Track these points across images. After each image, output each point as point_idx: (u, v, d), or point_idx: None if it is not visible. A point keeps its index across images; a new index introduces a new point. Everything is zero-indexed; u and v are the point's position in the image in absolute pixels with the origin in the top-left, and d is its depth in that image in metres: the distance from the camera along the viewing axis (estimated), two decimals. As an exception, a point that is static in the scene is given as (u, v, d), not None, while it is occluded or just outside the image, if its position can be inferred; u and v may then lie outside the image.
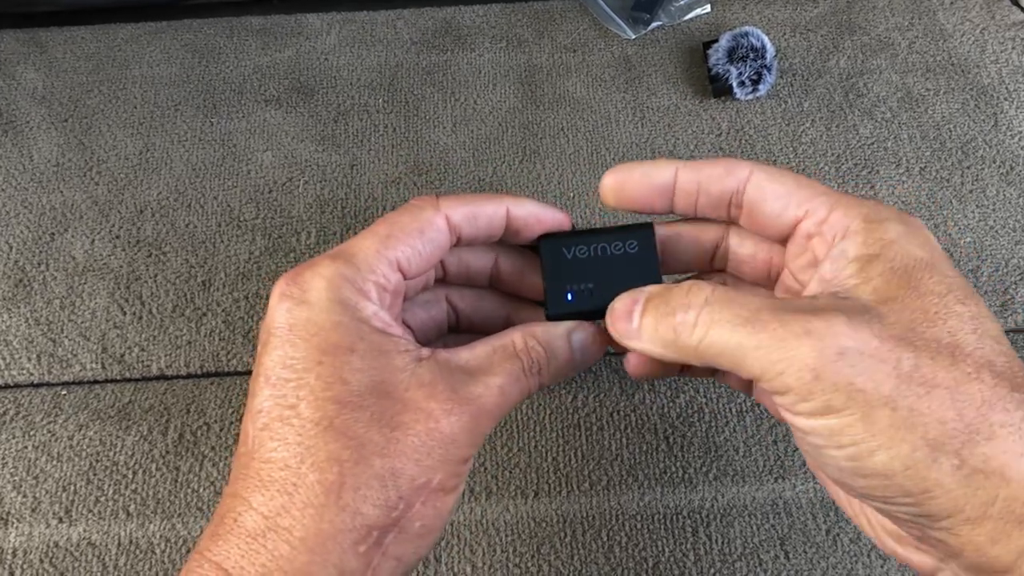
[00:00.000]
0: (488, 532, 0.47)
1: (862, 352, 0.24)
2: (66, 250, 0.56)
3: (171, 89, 0.63)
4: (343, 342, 0.27)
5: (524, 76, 0.63)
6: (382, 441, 0.26)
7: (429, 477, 0.27)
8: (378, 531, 0.26)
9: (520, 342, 0.30)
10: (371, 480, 0.26)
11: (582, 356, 0.32)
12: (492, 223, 0.32)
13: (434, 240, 0.30)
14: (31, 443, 0.50)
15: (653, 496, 0.48)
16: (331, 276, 0.28)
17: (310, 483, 0.26)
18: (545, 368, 0.30)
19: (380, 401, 0.27)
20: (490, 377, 0.29)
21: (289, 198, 0.58)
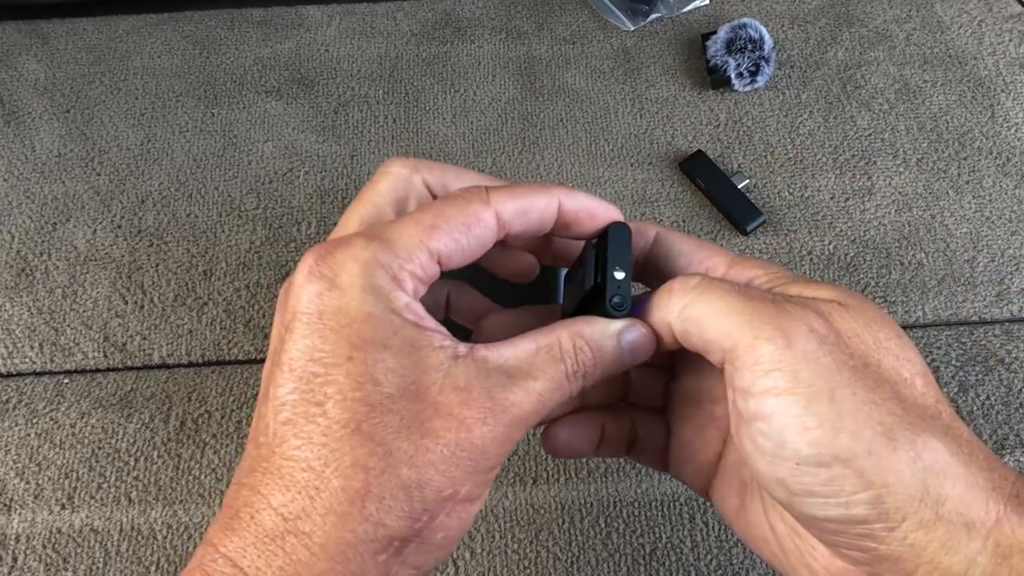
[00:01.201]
0: (487, 519, 0.48)
1: (825, 337, 0.25)
2: (68, 240, 0.56)
3: (172, 80, 0.63)
4: (376, 337, 0.25)
5: (523, 67, 0.63)
6: (411, 450, 0.25)
7: (456, 489, 0.26)
8: (399, 541, 0.25)
9: (567, 342, 0.28)
10: (396, 491, 0.25)
11: (632, 357, 0.29)
12: (543, 217, 0.29)
13: (480, 236, 0.28)
14: (34, 431, 0.51)
15: (650, 483, 0.49)
16: (367, 260, 0.26)
17: (333, 488, 0.25)
18: (591, 372, 0.28)
19: (411, 405, 0.25)
20: (531, 381, 0.26)
21: (290, 188, 0.58)
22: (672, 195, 0.57)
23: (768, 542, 0.29)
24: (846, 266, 0.55)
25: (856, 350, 0.25)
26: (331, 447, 0.25)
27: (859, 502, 0.24)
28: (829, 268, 0.54)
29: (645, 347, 0.28)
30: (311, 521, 0.24)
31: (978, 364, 0.52)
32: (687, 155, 0.58)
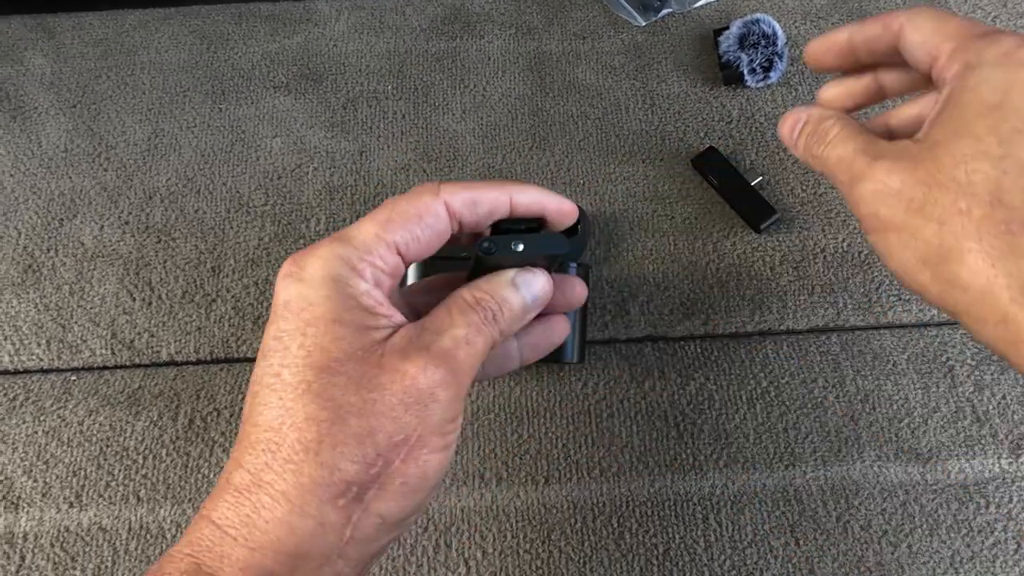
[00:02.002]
0: (499, 518, 0.47)
1: (888, 186, 0.31)
2: (75, 236, 0.56)
3: (180, 75, 0.63)
4: (328, 314, 0.28)
5: (533, 63, 0.62)
6: (359, 402, 0.27)
7: (408, 434, 0.28)
8: (357, 487, 0.27)
9: (469, 296, 0.31)
10: (348, 439, 0.27)
11: (532, 295, 0.33)
12: (494, 210, 0.33)
13: (432, 226, 0.31)
14: (41, 428, 0.50)
15: (663, 483, 0.48)
16: (327, 256, 0.29)
17: (291, 442, 0.27)
18: (500, 315, 0.31)
19: (358, 366, 0.28)
20: (453, 329, 0.30)
21: (298, 184, 0.58)
22: (684, 192, 0.57)
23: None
24: (860, 263, 0.54)
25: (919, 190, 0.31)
26: (287, 407, 0.28)
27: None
28: (843, 265, 0.54)
29: (538, 284, 0.33)
30: (272, 471, 0.27)
31: (994, 363, 0.51)
32: (699, 151, 0.57)
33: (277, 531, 0.27)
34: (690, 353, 0.52)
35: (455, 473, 0.49)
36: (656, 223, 0.56)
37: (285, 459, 0.27)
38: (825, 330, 0.53)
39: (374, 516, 0.28)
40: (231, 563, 0.27)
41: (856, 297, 0.53)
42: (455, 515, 0.48)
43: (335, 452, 0.27)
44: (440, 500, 0.48)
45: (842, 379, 0.51)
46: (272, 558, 0.27)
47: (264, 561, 0.27)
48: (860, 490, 0.48)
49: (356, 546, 0.28)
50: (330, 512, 0.27)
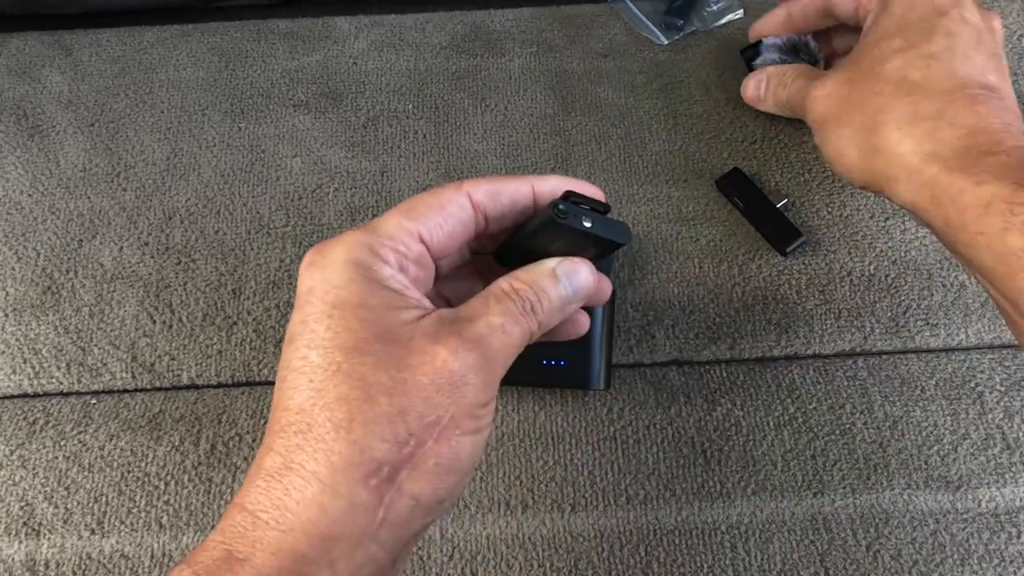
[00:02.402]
0: (524, 547, 0.47)
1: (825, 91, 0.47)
2: (95, 257, 0.56)
3: (198, 93, 0.62)
4: (353, 297, 0.28)
5: (555, 82, 0.62)
6: (389, 382, 0.27)
7: (440, 415, 0.28)
8: (389, 466, 0.27)
9: (507, 285, 0.31)
10: (379, 417, 0.27)
11: (573, 288, 0.32)
12: (516, 200, 0.33)
13: (455, 215, 0.31)
14: (62, 453, 0.50)
15: (691, 511, 0.48)
16: (350, 242, 0.29)
17: (321, 421, 0.27)
18: (538, 305, 0.31)
19: (386, 347, 0.28)
20: (489, 317, 0.29)
21: (319, 205, 0.57)
22: (709, 214, 0.56)
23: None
24: (887, 287, 0.53)
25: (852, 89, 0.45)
26: (317, 388, 0.27)
27: None
28: (870, 289, 0.53)
29: (581, 276, 0.32)
30: (304, 452, 0.27)
31: (1023, 389, 0.51)
32: (724, 173, 0.57)
33: (308, 512, 0.26)
34: (716, 378, 0.52)
35: (480, 500, 0.48)
36: (681, 245, 0.55)
37: (316, 439, 0.27)
38: (852, 355, 0.52)
39: (407, 497, 0.27)
40: (263, 547, 0.26)
41: (883, 321, 0.53)
42: (480, 543, 0.47)
43: (366, 431, 0.27)
44: (465, 528, 0.47)
45: (870, 404, 0.51)
46: (304, 540, 0.26)
47: (296, 544, 0.26)
48: (890, 519, 0.48)
49: (390, 529, 0.27)
50: (362, 492, 0.27)
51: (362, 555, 0.27)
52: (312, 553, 0.26)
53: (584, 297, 0.33)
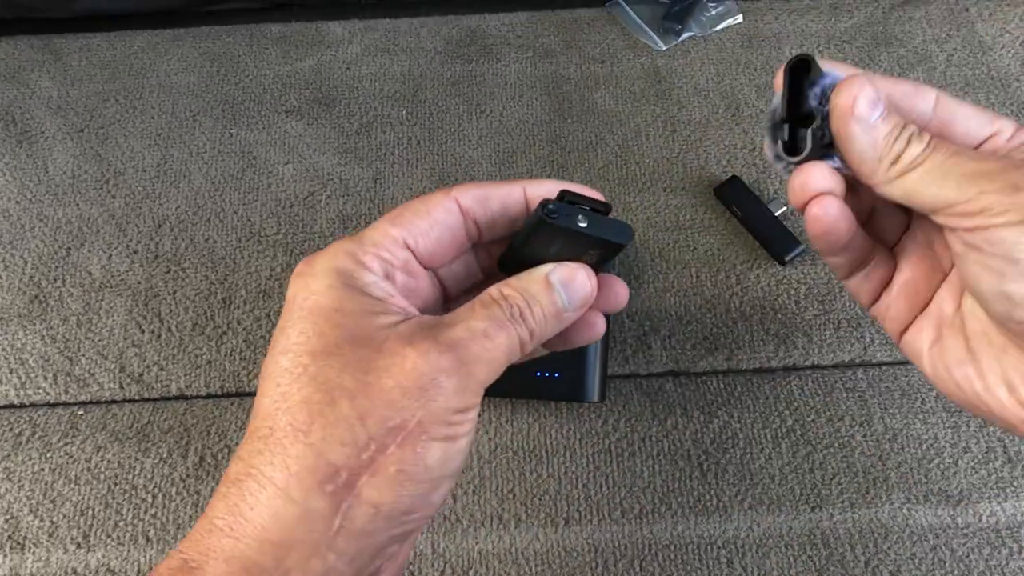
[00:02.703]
0: (517, 561, 0.46)
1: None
2: (83, 265, 0.55)
3: (189, 99, 0.61)
4: (331, 303, 0.28)
5: (551, 87, 0.61)
6: (353, 385, 0.26)
7: (405, 419, 0.26)
8: (347, 472, 0.26)
9: (495, 291, 0.29)
10: (339, 421, 0.26)
11: (568, 295, 0.30)
12: (507, 205, 0.31)
13: (442, 221, 0.31)
14: (48, 465, 0.49)
15: (687, 525, 0.47)
16: (335, 251, 0.29)
17: (282, 426, 0.26)
18: (528, 312, 0.29)
19: (356, 350, 0.27)
20: (471, 322, 0.28)
21: (311, 213, 0.56)
22: (707, 222, 0.55)
23: (962, 363, 0.31)
24: (887, 297, 0.53)
25: None
26: (282, 392, 0.27)
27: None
28: (870, 300, 0.53)
29: (578, 283, 0.30)
30: (263, 457, 0.26)
31: None
32: (722, 180, 0.56)
33: (261, 518, 0.25)
34: (713, 389, 0.51)
35: (472, 514, 0.47)
36: (678, 254, 0.54)
37: (276, 443, 0.26)
38: (852, 366, 0.52)
39: (366, 505, 0.26)
40: (215, 555, 0.25)
41: (883, 332, 0.52)
42: (472, 558, 0.46)
43: (325, 434, 0.26)
44: (457, 542, 0.47)
45: (869, 417, 0.50)
46: (256, 548, 0.25)
47: (248, 552, 0.25)
48: (889, 534, 0.47)
49: (348, 538, 0.26)
50: (317, 498, 0.25)
51: (318, 565, 0.26)
52: (264, 561, 0.25)
53: (581, 305, 0.31)
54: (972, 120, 0.31)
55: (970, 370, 0.31)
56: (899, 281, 0.34)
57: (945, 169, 0.28)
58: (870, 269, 0.35)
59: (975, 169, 0.27)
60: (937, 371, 0.32)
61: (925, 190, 0.28)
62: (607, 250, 0.31)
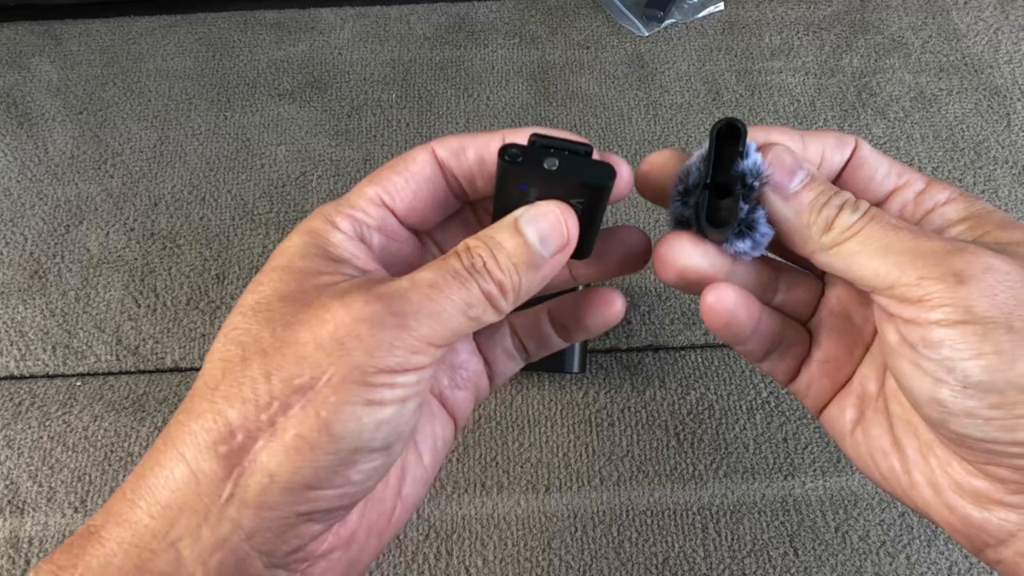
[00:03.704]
0: (499, 526, 0.48)
1: (1008, 273, 0.25)
2: (81, 242, 0.56)
3: (185, 82, 0.63)
4: (283, 261, 0.26)
5: (537, 72, 0.63)
6: (270, 340, 0.24)
7: (315, 375, 0.23)
8: (243, 434, 0.23)
9: (460, 245, 0.26)
10: (242, 379, 0.24)
11: (540, 236, 0.26)
12: (486, 157, 0.28)
13: (419, 174, 0.28)
14: (47, 433, 0.51)
15: (663, 492, 0.49)
16: (313, 214, 0.28)
17: (199, 385, 0.25)
18: (492, 263, 0.26)
19: (285, 306, 0.25)
20: (419, 273, 0.25)
21: (303, 192, 0.58)
22: (686, 202, 0.57)
23: (887, 455, 0.29)
24: (860, 275, 0.54)
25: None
26: (212, 351, 0.25)
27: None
28: (843, 277, 0.54)
29: (549, 218, 0.26)
30: (176, 419, 0.24)
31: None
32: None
33: (155, 479, 0.24)
34: (691, 363, 0.53)
35: (456, 481, 0.49)
36: (658, 233, 0.56)
37: (189, 402, 0.24)
38: (825, 341, 0.53)
39: (262, 475, 0.23)
40: (113, 518, 0.24)
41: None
42: (456, 523, 0.48)
43: (228, 392, 0.24)
44: (441, 508, 0.48)
45: (842, 390, 0.51)
46: (146, 510, 0.23)
47: (140, 515, 0.23)
48: (859, 500, 0.48)
49: (241, 508, 0.23)
50: (207, 459, 0.23)
51: (210, 536, 0.23)
52: (154, 526, 0.23)
53: (558, 248, 0.26)
54: (882, 167, 0.29)
55: (895, 462, 0.29)
56: (818, 358, 0.32)
57: (886, 242, 0.26)
58: (784, 349, 0.32)
59: (917, 247, 0.25)
60: (861, 457, 0.30)
61: (866, 263, 0.26)
62: (591, 196, 0.27)
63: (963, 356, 0.24)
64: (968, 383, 0.24)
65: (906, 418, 0.29)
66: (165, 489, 0.23)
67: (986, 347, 0.24)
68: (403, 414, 0.25)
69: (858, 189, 0.29)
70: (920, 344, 0.25)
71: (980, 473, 0.26)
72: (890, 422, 0.29)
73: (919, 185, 0.29)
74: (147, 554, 0.23)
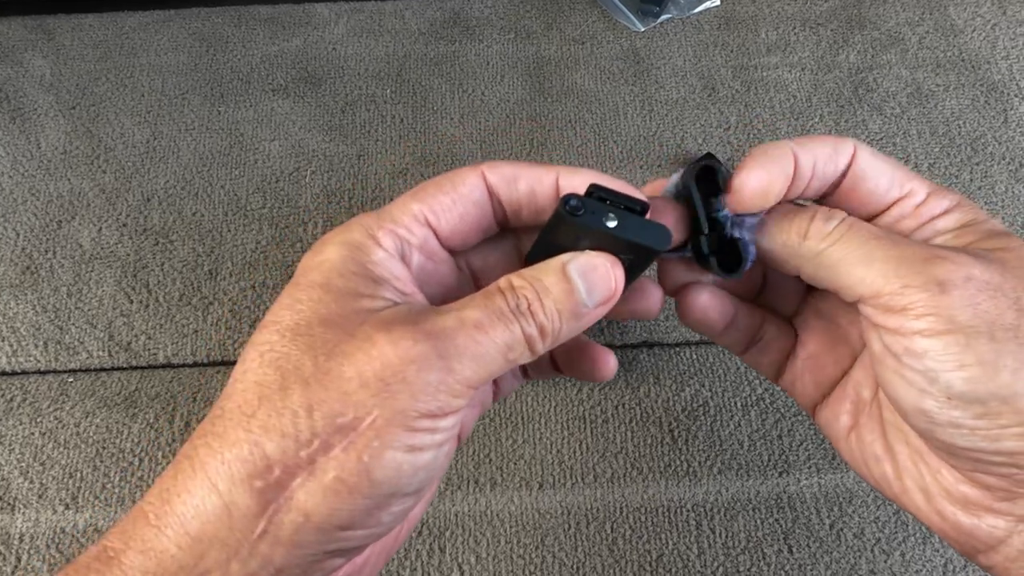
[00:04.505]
0: (492, 523, 0.48)
1: (988, 281, 0.24)
2: (73, 238, 0.56)
3: (179, 78, 0.63)
4: (321, 279, 0.25)
5: (532, 68, 0.62)
6: (310, 369, 0.23)
7: (359, 415, 0.23)
8: (281, 469, 0.22)
9: (504, 281, 0.26)
10: (283, 411, 0.23)
11: (587, 287, 0.26)
12: (536, 190, 0.28)
13: (466, 196, 0.27)
14: (38, 430, 0.50)
15: (657, 489, 0.48)
16: (353, 224, 0.27)
17: (231, 408, 0.23)
18: (537, 305, 0.25)
19: (326, 331, 0.24)
20: (464, 310, 0.24)
21: (296, 188, 0.58)
22: (681, 198, 0.57)
23: (880, 460, 0.29)
24: (856, 272, 0.54)
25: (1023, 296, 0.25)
26: (244, 369, 0.24)
27: (1012, 435, 0.24)
28: (839, 273, 0.54)
29: (599, 275, 0.26)
30: (204, 440, 0.23)
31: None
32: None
33: (184, 508, 0.23)
34: (685, 359, 0.52)
35: (450, 478, 0.49)
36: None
37: (221, 426, 0.23)
38: (820, 337, 0.53)
39: (296, 512, 0.23)
40: (135, 544, 0.23)
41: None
42: (449, 519, 0.48)
43: (267, 423, 0.23)
44: (435, 505, 0.48)
45: (837, 386, 0.51)
46: (174, 539, 0.23)
47: (167, 544, 0.23)
48: (854, 497, 0.48)
49: (273, 546, 0.23)
50: (242, 494, 0.22)
51: (239, 571, 0.23)
52: (182, 557, 0.23)
53: (603, 300, 0.26)
54: (883, 178, 0.28)
55: (887, 468, 0.29)
56: (802, 355, 0.32)
57: (867, 249, 0.26)
58: (765, 343, 0.32)
59: (900, 254, 0.25)
60: (855, 462, 0.31)
61: (850, 271, 0.26)
62: (640, 255, 0.27)
63: (946, 367, 0.24)
64: (951, 394, 0.24)
65: (897, 425, 0.29)
66: (196, 520, 0.22)
67: (968, 358, 0.24)
68: (439, 458, 0.25)
69: (861, 202, 0.29)
70: (904, 354, 0.25)
71: (968, 480, 0.26)
72: (883, 428, 0.29)
73: (921, 195, 0.28)
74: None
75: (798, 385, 0.32)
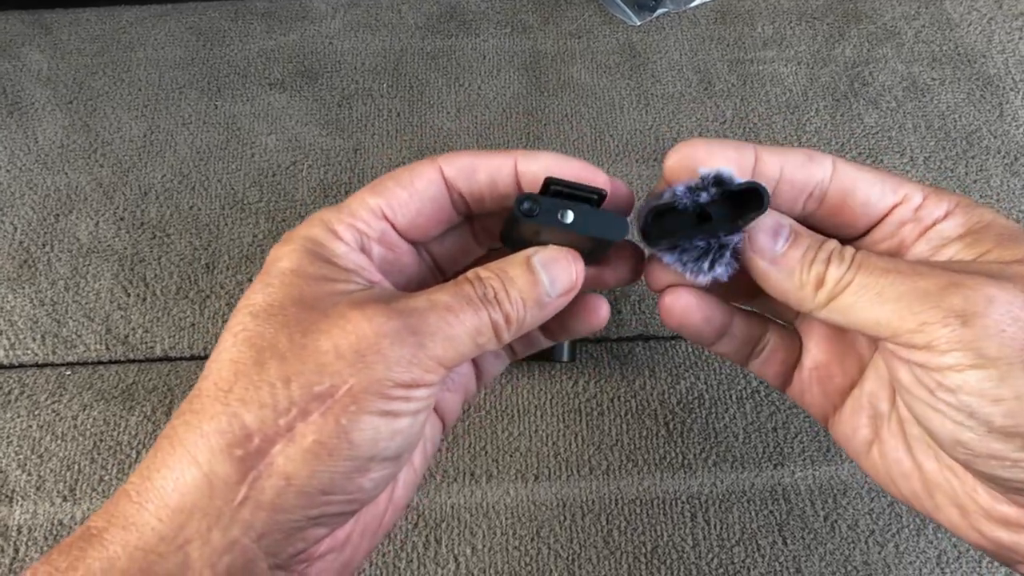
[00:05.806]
0: (488, 515, 0.48)
1: (1011, 303, 0.23)
2: (71, 231, 0.56)
3: (176, 72, 0.63)
4: (290, 265, 0.26)
5: (528, 62, 0.62)
6: (287, 345, 0.24)
7: (334, 383, 0.24)
8: (260, 437, 0.23)
9: (471, 273, 0.27)
10: (262, 383, 0.24)
11: (550, 279, 0.27)
12: (496, 179, 0.28)
13: (423, 191, 0.28)
14: (36, 423, 0.50)
15: (652, 481, 0.49)
16: (312, 220, 0.28)
17: (208, 386, 0.24)
18: (503, 295, 0.26)
19: (300, 311, 0.25)
20: (434, 293, 0.26)
21: (293, 182, 0.58)
22: (677, 192, 0.57)
23: (908, 477, 0.29)
24: (851, 265, 0.54)
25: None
26: (218, 353, 0.25)
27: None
28: (834, 267, 0.54)
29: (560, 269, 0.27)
30: (183, 419, 0.24)
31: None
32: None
33: (163, 482, 0.23)
34: (681, 352, 0.52)
35: (446, 470, 0.49)
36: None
37: (199, 403, 0.24)
38: (815, 330, 0.53)
39: (277, 476, 0.23)
40: (118, 521, 0.23)
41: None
42: (445, 511, 0.48)
43: (244, 395, 0.24)
44: (431, 497, 0.48)
45: (832, 379, 0.51)
46: (155, 512, 0.23)
47: (148, 518, 0.23)
48: (848, 490, 0.48)
49: (254, 511, 0.23)
50: (222, 463, 0.23)
51: (220, 539, 0.23)
52: (163, 529, 0.23)
53: (565, 291, 0.28)
54: (875, 187, 0.28)
55: (916, 485, 0.28)
56: (808, 365, 0.31)
57: (879, 289, 0.25)
58: (768, 353, 0.32)
59: (913, 289, 0.24)
60: (881, 479, 0.30)
61: (863, 314, 0.25)
62: (598, 244, 0.28)
63: (983, 402, 0.23)
64: (992, 428, 0.24)
65: (924, 439, 0.28)
66: (176, 492, 0.23)
67: (1005, 391, 0.23)
68: (414, 426, 0.26)
69: (855, 216, 0.28)
70: (936, 389, 0.24)
71: (1009, 501, 0.26)
72: (907, 443, 0.29)
73: (917, 198, 0.28)
74: (153, 557, 0.23)
75: (807, 396, 0.32)
